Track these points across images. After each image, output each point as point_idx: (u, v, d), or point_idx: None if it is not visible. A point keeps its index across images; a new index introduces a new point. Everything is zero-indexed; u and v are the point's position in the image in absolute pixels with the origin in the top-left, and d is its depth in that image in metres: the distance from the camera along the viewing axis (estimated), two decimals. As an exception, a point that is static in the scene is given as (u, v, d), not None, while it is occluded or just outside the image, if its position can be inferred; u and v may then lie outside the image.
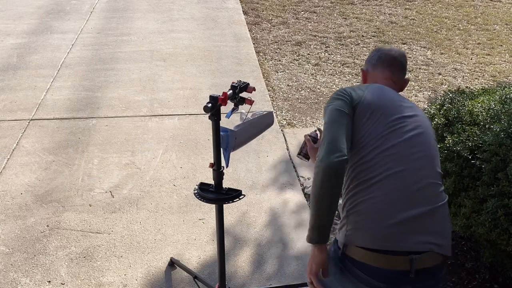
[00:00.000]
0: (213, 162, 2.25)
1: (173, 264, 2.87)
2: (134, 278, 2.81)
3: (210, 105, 2.08)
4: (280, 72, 5.66)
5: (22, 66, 5.59)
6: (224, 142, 2.20)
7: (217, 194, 2.29)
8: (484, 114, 2.69)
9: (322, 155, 1.65)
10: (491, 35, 7.00)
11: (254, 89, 2.29)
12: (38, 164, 3.81)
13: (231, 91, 2.21)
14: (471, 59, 6.16)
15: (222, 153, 2.24)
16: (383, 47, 2.05)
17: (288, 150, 4.11)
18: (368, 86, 1.87)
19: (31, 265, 2.88)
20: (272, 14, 7.62)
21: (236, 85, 2.25)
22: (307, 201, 3.48)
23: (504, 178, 2.36)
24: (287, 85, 5.34)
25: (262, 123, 2.40)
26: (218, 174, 2.26)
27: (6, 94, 4.92)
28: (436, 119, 2.88)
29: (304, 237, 3.12)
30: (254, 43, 6.44)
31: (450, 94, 3.07)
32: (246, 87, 2.28)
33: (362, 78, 2.08)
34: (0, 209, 3.32)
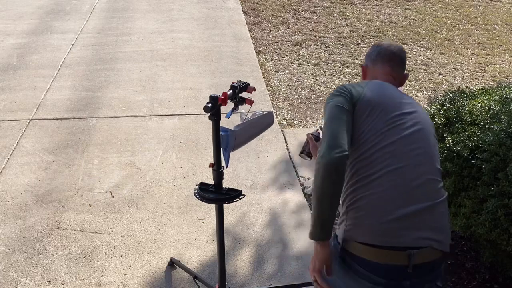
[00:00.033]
0: (213, 162, 2.25)
1: (173, 264, 2.87)
2: (134, 278, 2.81)
3: (210, 105, 2.08)
4: (280, 72, 5.66)
5: (22, 66, 5.59)
6: (224, 142, 2.20)
7: (217, 194, 2.29)
8: (484, 114, 2.69)
9: (323, 151, 1.66)
10: (491, 35, 7.00)
11: (254, 89, 2.29)
12: (38, 164, 3.81)
13: (231, 91, 2.22)
14: (471, 59, 6.16)
15: (222, 153, 2.24)
16: (382, 43, 2.05)
17: (288, 150, 4.11)
18: (368, 83, 1.87)
19: (31, 265, 2.88)
20: (272, 14, 7.62)
21: (236, 85, 2.25)
22: (307, 201, 3.48)
23: (504, 178, 2.36)
24: (287, 85, 5.34)
25: (262, 123, 2.40)
26: (218, 174, 2.26)
27: (6, 94, 4.92)
28: (436, 119, 2.88)
29: (304, 237, 3.13)
30: (254, 43, 6.44)
31: (450, 94, 3.07)
32: (246, 87, 2.28)
33: (361, 74, 2.07)
34: (0, 209, 3.32)
